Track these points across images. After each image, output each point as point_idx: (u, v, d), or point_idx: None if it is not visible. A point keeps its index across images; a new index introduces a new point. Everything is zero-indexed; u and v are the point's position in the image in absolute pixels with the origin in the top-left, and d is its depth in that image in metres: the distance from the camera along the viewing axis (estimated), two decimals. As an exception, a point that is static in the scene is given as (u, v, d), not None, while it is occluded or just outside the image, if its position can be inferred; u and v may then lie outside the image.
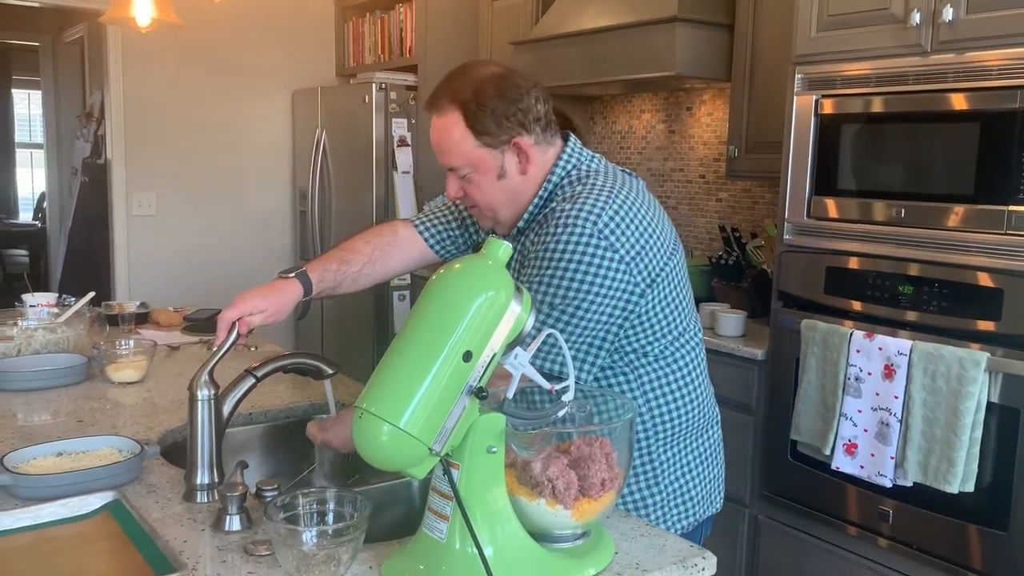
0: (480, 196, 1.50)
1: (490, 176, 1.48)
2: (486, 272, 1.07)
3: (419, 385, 1.01)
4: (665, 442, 1.52)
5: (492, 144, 1.45)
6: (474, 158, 1.46)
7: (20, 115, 8.91)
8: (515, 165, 1.48)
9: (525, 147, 1.47)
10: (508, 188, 1.50)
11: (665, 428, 1.51)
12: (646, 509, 1.52)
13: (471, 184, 1.49)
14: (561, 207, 1.42)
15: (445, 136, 1.46)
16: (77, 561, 1.15)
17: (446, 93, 1.47)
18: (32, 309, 2.46)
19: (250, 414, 1.84)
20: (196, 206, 4.67)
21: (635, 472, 1.51)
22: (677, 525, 1.55)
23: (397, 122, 4.19)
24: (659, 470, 1.52)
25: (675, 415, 1.52)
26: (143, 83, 4.46)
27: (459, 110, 1.44)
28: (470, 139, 1.45)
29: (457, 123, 1.44)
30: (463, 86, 1.46)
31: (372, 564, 1.15)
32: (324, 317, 4.68)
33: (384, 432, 1.00)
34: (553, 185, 1.51)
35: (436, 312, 1.05)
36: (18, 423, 1.75)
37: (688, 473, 1.56)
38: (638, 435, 1.50)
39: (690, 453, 1.56)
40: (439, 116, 1.47)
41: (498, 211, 1.52)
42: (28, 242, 7.89)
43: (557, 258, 1.37)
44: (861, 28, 2.30)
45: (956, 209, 2.13)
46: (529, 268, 1.42)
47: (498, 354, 1.06)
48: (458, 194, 1.52)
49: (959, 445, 2.06)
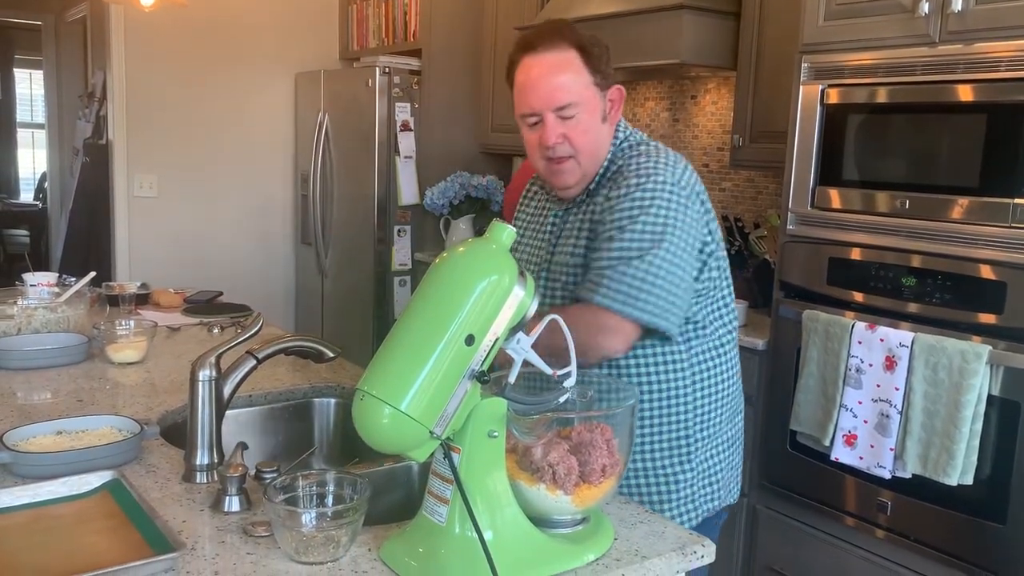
0: (583, 139, 1.48)
1: (595, 118, 1.49)
2: (490, 256, 1.07)
3: (421, 368, 1.00)
4: (703, 420, 1.54)
5: (600, 85, 1.49)
6: (587, 95, 1.47)
7: (22, 95, 8.88)
8: (607, 113, 1.52)
9: (622, 95, 1.53)
10: (602, 135, 1.52)
11: (706, 405, 1.53)
12: (676, 484, 1.53)
13: (576, 126, 1.47)
14: (636, 163, 1.46)
15: (561, 70, 1.46)
16: (75, 539, 1.15)
17: (553, 34, 1.47)
18: (32, 288, 2.46)
19: (250, 396, 1.83)
20: (197, 188, 4.66)
21: (669, 446, 1.52)
22: (704, 507, 1.56)
23: (400, 106, 4.17)
24: (693, 448, 1.53)
25: (716, 394, 1.55)
26: (145, 64, 4.44)
27: (575, 47, 1.46)
28: (586, 75, 1.46)
29: (574, 59, 1.46)
30: (569, 29, 1.48)
31: (371, 547, 1.15)
32: (324, 302, 4.68)
33: (385, 415, 1.00)
34: (616, 147, 1.54)
35: (439, 295, 1.04)
36: (18, 401, 1.75)
37: (717, 455, 1.57)
38: (680, 410, 1.51)
39: (721, 435, 1.58)
40: (552, 51, 1.46)
41: (592, 158, 1.51)
42: (29, 222, 7.88)
43: (646, 205, 1.40)
44: (869, 17, 2.28)
45: (961, 201, 2.12)
46: (612, 219, 1.43)
47: (501, 338, 1.05)
48: (558, 139, 1.48)
49: (959, 437, 2.06)
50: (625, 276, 1.38)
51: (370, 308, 4.27)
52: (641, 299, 1.38)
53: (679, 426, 1.52)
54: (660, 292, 1.39)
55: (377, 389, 1.00)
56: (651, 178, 1.43)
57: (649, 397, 1.51)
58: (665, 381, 1.50)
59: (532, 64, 1.47)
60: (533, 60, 1.47)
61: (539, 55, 1.46)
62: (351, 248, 4.40)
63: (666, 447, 1.52)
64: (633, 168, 1.46)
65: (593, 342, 1.36)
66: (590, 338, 1.35)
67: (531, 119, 1.50)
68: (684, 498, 1.54)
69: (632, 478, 1.53)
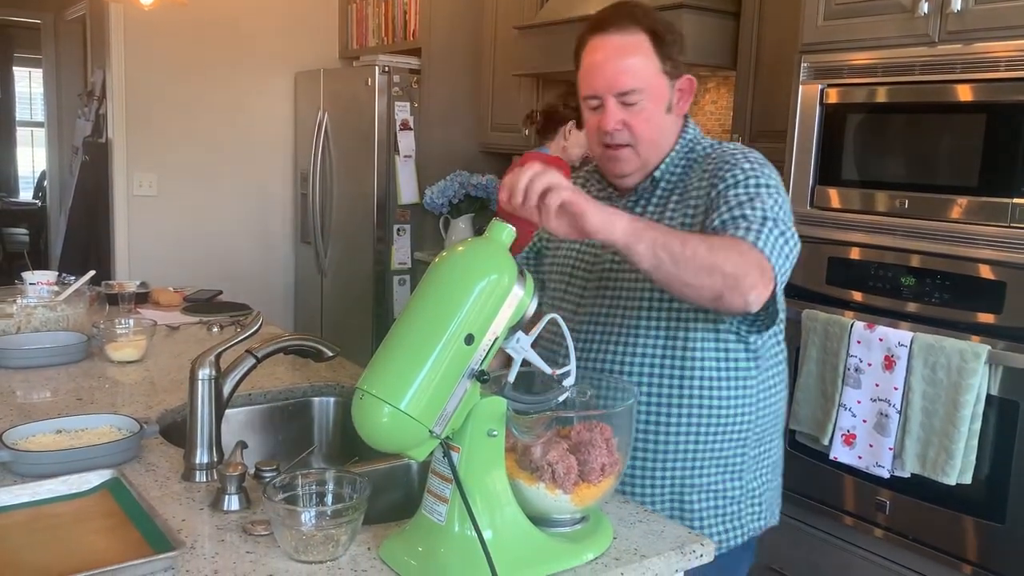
0: (643, 127, 1.41)
1: (661, 107, 1.42)
2: (489, 255, 1.07)
3: (421, 367, 1.00)
4: (759, 438, 1.46)
5: (670, 73, 1.42)
6: (655, 83, 1.40)
7: (21, 93, 8.87)
8: (675, 103, 1.45)
9: (692, 86, 1.46)
10: (667, 125, 1.45)
11: (763, 422, 1.46)
12: (725, 501, 1.45)
13: (639, 114, 1.40)
14: (724, 149, 1.41)
15: (629, 54, 1.39)
16: (75, 538, 1.15)
17: (624, 16, 1.41)
18: (32, 287, 2.46)
19: (250, 395, 1.83)
20: (197, 187, 4.65)
21: (724, 464, 1.43)
22: (749, 526, 1.48)
23: (400, 105, 4.17)
24: (745, 466, 1.46)
25: (772, 414, 1.48)
26: (145, 62, 4.44)
27: (647, 32, 1.39)
28: (655, 62, 1.40)
29: (644, 43, 1.39)
30: (644, 11, 1.41)
31: (371, 545, 1.15)
32: (324, 301, 4.68)
33: (385, 414, 1.00)
34: (687, 142, 1.47)
35: (438, 295, 1.04)
36: (17, 400, 1.75)
37: (765, 475, 1.50)
38: (741, 427, 1.43)
39: (771, 455, 1.51)
40: (623, 34, 1.39)
41: (654, 148, 1.44)
42: (28, 221, 7.88)
43: (767, 189, 1.33)
44: (868, 17, 2.29)
45: (960, 201, 2.12)
46: (736, 188, 1.33)
47: (500, 337, 1.06)
48: (617, 125, 1.41)
49: (958, 437, 2.06)
50: (780, 239, 1.27)
51: (369, 307, 4.27)
52: (783, 261, 1.27)
53: (736, 443, 1.43)
54: (786, 267, 1.29)
55: (377, 388, 1.00)
56: (770, 167, 1.37)
57: (710, 412, 1.40)
58: (733, 397, 1.41)
59: (599, 45, 1.41)
60: (600, 41, 1.40)
61: (607, 36, 1.40)
62: (351, 247, 4.40)
63: (720, 464, 1.43)
64: (739, 156, 1.38)
65: (751, 278, 1.19)
66: (752, 271, 1.20)
67: (592, 102, 1.43)
68: (731, 515, 1.45)
69: (678, 492, 1.43)
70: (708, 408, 1.40)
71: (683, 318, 1.40)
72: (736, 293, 1.18)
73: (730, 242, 1.24)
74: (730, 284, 1.18)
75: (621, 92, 1.39)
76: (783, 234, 1.28)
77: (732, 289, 1.18)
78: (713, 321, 1.39)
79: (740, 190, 1.32)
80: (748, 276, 1.19)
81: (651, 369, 1.41)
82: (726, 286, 1.18)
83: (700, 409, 1.40)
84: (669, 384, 1.40)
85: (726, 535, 1.45)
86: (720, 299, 1.19)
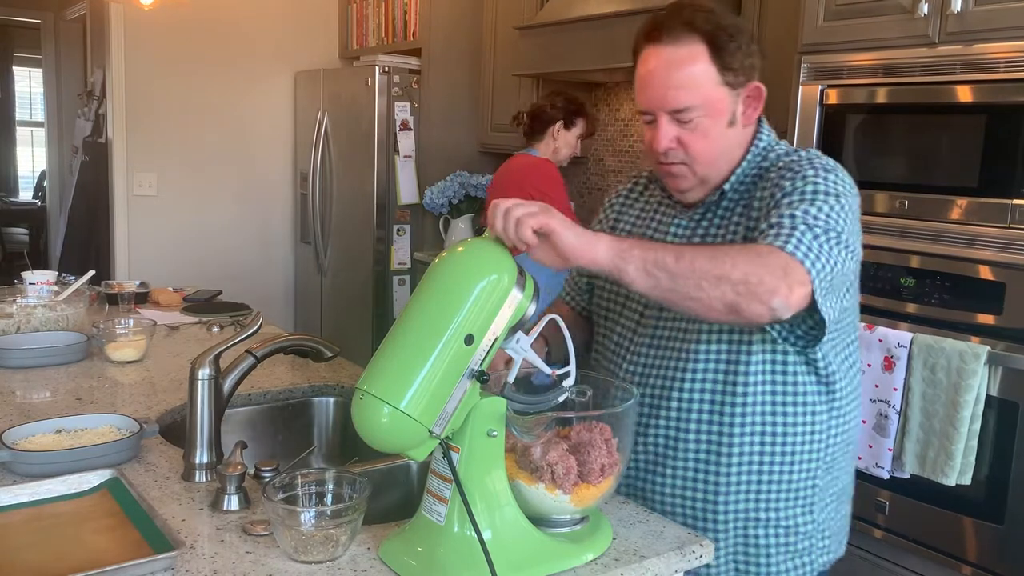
0: (701, 146, 1.30)
1: (721, 122, 1.30)
2: (489, 255, 1.07)
3: (420, 368, 1.00)
4: (828, 467, 1.36)
5: (732, 84, 1.29)
6: (713, 98, 1.28)
7: (21, 93, 8.87)
8: (741, 114, 1.32)
9: (761, 93, 1.32)
10: (729, 140, 1.32)
11: (834, 451, 1.36)
12: (796, 535, 1.35)
13: (694, 132, 1.29)
14: (807, 158, 1.29)
15: (683, 68, 1.27)
16: (75, 538, 1.15)
17: (679, 22, 1.27)
18: (32, 287, 2.46)
19: (249, 395, 1.83)
20: (197, 187, 4.65)
21: (796, 496, 1.34)
22: (819, 560, 1.38)
23: (400, 106, 4.17)
24: (816, 497, 1.36)
25: (845, 443, 1.38)
26: (145, 62, 4.44)
27: (704, 40, 1.26)
28: (714, 74, 1.27)
29: (701, 54, 1.26)
30: (704, 15, 1.27)
31: (370, 546, 1.15)
32: (323, 301, 4.68)
33: (384, 414, 1.00)
34: (760, 151, 1.36)
35: (438, 295, 1.04)
36: (17, 400, 1.75)
37: (833, 504, 1.40)
38: (812, 457, 1.34)
39: (837, 482, 1.41)
40: (675, 45, 1.27)
41: (711, 167, 1.33)
42: (28, 220, 7.88)
43: (829, 192, 1.22)
44: (868, 18, 2.29)
45: (959, 202, 2.12)
46: (790, 193, 1.24)
47: (500, 338, 1.06)
48: (671, 145, 1.31)
49: (957, 438, 2.06)
50: (815, 242, 1.16)
51: (369, 307, 4.27)
52: (822, 265, 1.15)
53: (805, 473, 1.34)
54: (834, 277, 1.17)
55: (376, 388, 1.00)
56: (836, 174, 1.26)
57: (773, 440, 1.31)
58: (799, 423, 1.31)
59: (651, 56, 1.29)
60: (652, 52, 1.29)
61: (660, 47, 1.28)
62: (350, 247, 4.40)
63: (792, 496, 1.34)
64: (805, 162, 1.27)
65: (773, 281, 1.10)
66: (770, 275, 1.11)
67: (646, 117, 1.33)
68: (801, 551, 1.36)
69: (741, 526, 1.34)
70: (772, 435, 1.31)
71: (743, 340, 1.30)
72: (753, 300, 1.10)
73: (746, 248, 1.17)
74: (742, 291, 1.09)
75: (674, 110, 1.29)
76: (830, 239, 1.17)
77: (746, 297, 1.09)
78: (772, 342, 1.28)
79: (795, 197, 1.22)
80: (764, 281, 1.10)
81: (712, 396, 1.32)
82: (738, 294, 1.09)
83: (763, 436, 1.31)
84: (731, 410, 1.31)
85: (795, 572, 1.36)
86: (737, 311, 1.11)
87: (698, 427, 1.33)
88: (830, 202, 1.21)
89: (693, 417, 1.34)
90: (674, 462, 1.36)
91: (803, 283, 1.13)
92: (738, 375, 1.30)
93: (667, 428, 1.36)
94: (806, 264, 1.14)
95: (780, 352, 1.30)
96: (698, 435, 1.34)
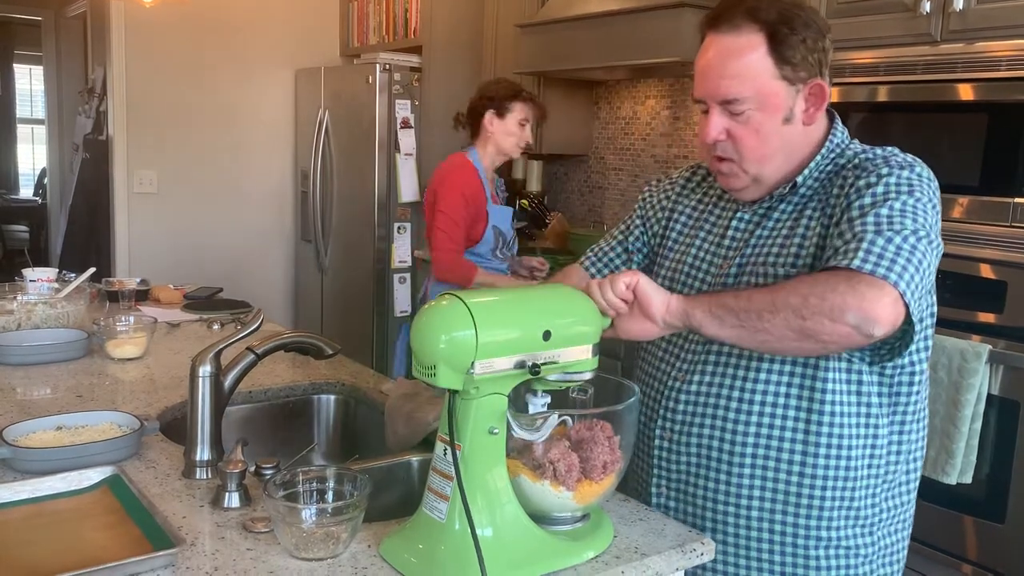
0: (752, 142, 1.26)
1: (775, 118, 1.25)
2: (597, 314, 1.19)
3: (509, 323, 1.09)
4: (890, 482, 1.30)
5: (791, 79, 1.24)
6: (767, 91, 1.23)
7: (22, 90, 8.87)
8: (802, 111, 1.27)
9: (824, 92, 1.26)
10: (787, 137, 1.27)
11: (897, 464, 1.30)
12: (857, 559, 1.29)
13: (745, 125, 1.25)
14: (884, 156, 1.25)
15: (737, 58, 1.24)
16: (75, 535, 1.15)
17: (742, 10, 1.24)
18: (32, 284, 2.45)
19: (250, 392, 1.83)
20: (197, 185, 4.65)
21: (856, 515, 1.28)
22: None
23: (400, 103, 4.17)
24: (877, 520, 1.30)
25: (904, 453, 1.31)
26: (146, 60, 4.44)
27: (763, 30, 1.23)
28: (770, 67, 1.23)
29: (759, 45, 1.23)
30: (765, 5, 1.24)
31: (371, 543, 1.14)
32: (324, 298, 4.68)
33: (462, 322, 1.03)
34: (834, 148, 1.31)
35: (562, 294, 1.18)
36: (17, 397, 1.74)
37: (902, 531, 1.34)
38: (875, 472, 1.28)
39: (907, 507, 1.34)
40: (734, 34, 1.24)
41: (765, 164, 1.28)
42: (29, 218, 7.88)
43: (904, 190, 1.18)
44: (870, 16, 2.28)
45: (961, 200, 2.12)
46: (863, 198, 1.19)
47: (559, 365, 1.10)
48: (720, 136, 1.27)
49: (958, 437, 2.06)
50: (890, 245, 1.11)
51: (370, 305, 4.27)
52: (901, 267, 1.10)
53: (866, 492, 1.28)
54: (918, 275, 1.11)
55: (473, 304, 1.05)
56: (911, 169, 1.21)
57: (839, 455, 1.25)
58: (862, 436, 1.26)
59: (710, 44, 1.27)
60: (712, 40, 1.27)
61: (719, 35, 1.25)
62: (351, 245, 4.40)
63: (852, 517, 1.28)
64: (880, 160, 1.23)
65: (836, 298, 1.07)
66: (832, 292, 1.08)
67: (701, 106, 1.30)
68: (862, 575, 1.30)
69: (802, 544, 1.28)
70: (838, 449, 1.24)
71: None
72: (822, 319, 1.08)
73: (808, 276, 1.14)
74: (805, 314, 1.08)
75: (724, 100, 1.26)
76: (906, 239, 1.13)
77: (812, 318, 1.08)
78: (848, 359, 1.25)
79: (866, 200, 1.18)
80: (826, 298, 1.08)
81: (775, 399, 1.26)
82: (801, 317, 1.08)
83: (829, 449, 1.24)
84: (795, 419, 1.25)
85: None
86: (808, 334, 1.10)
87: (755, 437, 1.28)
88: (902, 199, 1.17)
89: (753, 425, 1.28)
90: (730, 475, 1.30)
91: (883, 290, 1.08)
92: (806, 379, 1.25)
93: (722, 440, 1.30)
94: (879, 272, 1.09)
95: (852, 359, 1.25)
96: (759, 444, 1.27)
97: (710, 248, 1.39)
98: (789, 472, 1.26)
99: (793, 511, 1.27)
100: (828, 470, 1.25)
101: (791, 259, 1.26)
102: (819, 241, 1.25)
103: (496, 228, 3.02)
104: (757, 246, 1.32)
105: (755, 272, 1.29)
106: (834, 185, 1.27)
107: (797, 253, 1.26)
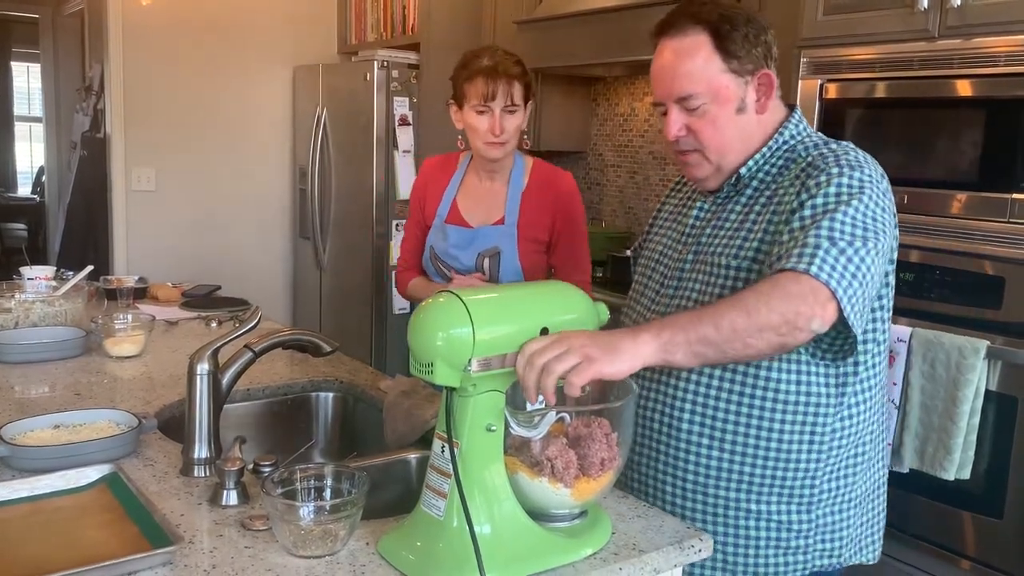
0: (711, 133, 1.35)
1: (728, 109, 1.35)
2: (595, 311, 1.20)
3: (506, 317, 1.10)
4: (832, 472, 1.34)
5: (738, 71, 1.34)
6: (717, 85, 1.33)
7: (19, 88, 8.85)
8: (753, 101, 1.36)
9: (771, 81, 1.36)
10: (742, 126, 1.36)
11: (839, 457, 1.34)
12: (789, 532, 1.34)
13: (702, 119, 1.35)
14: (835, 154, 1.30)
15: (687, 58, 1.33)
16: (73, 533, 1.15)
17: (686, 15, 1.35)
18: (30, 282, 2.45)
19: (248, 390, 1.83)
20: (195, 182, 4.65)
21: (789, 495, 1.33)
22: (816, 562, 1.36)
23: (398, 101, 4.16)
24: (815, 500, 1.34)
25: (856, 446, 1.36)
26: (144, 57, 4.43)
27: (707, 30, 1.33)
28: (717, 62, 1.33)
29: (703, 44, 1.33)
30: (707, 9, 1.35)
31: (369, 540, 1.15)
32: (322, 296, 4.68)
33: (458, 319, 1.03)
34: (785, 141, 1.39)
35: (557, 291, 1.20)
36: (15, 395, 1.74)
37: (846, 511, 1.38)
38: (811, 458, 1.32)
39: (853, 489, 1.38)
40: (680, 37, 1.34)
41: (726, 153, 1.37)
42: (27, 216, 7.87)
43: (854, 193, 1.24)
44: (868, 12, 2.28)
45: (959, 196, 2.12)
46: (814, 203, 1.24)
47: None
48: (680, 132, 1.36)
49: (956, 432, 2.06)
50: (841, 257, 1.17)
51: (368, 302, 4.26)
52: (847, 283, 1.17)
53: (803, 475, 1.33)
54: (862, 289, 1.19)
55: (470, 303, 1.05)
56: (860, 170, 1.27)
57: (769, 437, 1.31)
58: (800, 423, 1.31)
59: (661, 49, 1.37)
60: (662, 45, 1.37)
61: (668, 40, 1.36)
62: (349, 242, 4.39)
63: (785, 495, 1.33)
64: (831, 159, 1.29)
65: (807, 309, 1.13)
66: (803, 304, 1.13)
67: (660, 108, 1.39)
68: (793, 548, 1.34)
69: (732, 517, 1.34)
70: (769, 432, 1.31)
71: None
72: (797, 333, 1.14)
73: (774, 285, 1.17)
74: (784, 331, 1.13)
75: (680, 97, 1.35)
76: (855, 247, 1.19)
77: (790, 334, 1.14)
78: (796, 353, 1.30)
79: (818, 200, 1.24)
80: (801, 311, 1.13)
81: (709, 379, 1.33)
82: (781, 335, 1.14)
83: (759, 432, 1.31)
84: (737, 403, 1.32)
85: (784, 568, 1.35)
86: (784, 347, 1.17)
87: (691, 413, 1.35)
88: (853, 203, 1.23)
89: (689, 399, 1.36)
90: (668, 446, 1.38)
91: (827, 301, 1.16)
92: (749, 365, 1.31)
93: (663, 413, 1.38)
94: (831, 285, 1.15)
95: (799, 351, 1.29)
96: (696, 420, 1.35)
97: (674, 236, 1.49)
98: (721, 450, 1.33)
99: (724, 485, 1.34)
100: (759, 450, 1.32)
101: (735, 251, 1.34)
102: (764, 236, 1.32)
103: (432, 249, 2.16)
104: (710, 236, 1.41)
105: (705, 262, 1.38)
106: (785, 179, 1.35)
107: (741, 245, 1.34)
